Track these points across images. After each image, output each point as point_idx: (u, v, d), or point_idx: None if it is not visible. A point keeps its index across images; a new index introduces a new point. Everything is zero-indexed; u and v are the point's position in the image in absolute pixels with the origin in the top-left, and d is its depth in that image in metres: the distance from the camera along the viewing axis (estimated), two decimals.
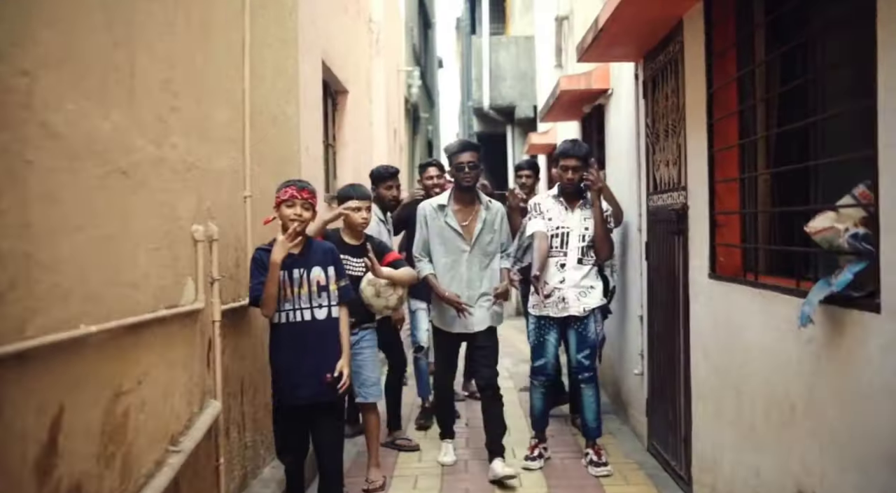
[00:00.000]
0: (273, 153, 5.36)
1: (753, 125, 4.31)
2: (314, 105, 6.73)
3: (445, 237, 4.84)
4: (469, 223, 4.89)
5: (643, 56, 5.92)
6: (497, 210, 4.99)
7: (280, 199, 4.21)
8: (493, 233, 4.94)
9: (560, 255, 5.25)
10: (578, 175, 5.27)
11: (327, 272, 4.27)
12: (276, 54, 5.47)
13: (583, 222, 5.29)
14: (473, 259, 4.87)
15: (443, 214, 4.84)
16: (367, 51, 10.27)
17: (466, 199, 4.92)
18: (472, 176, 4.86)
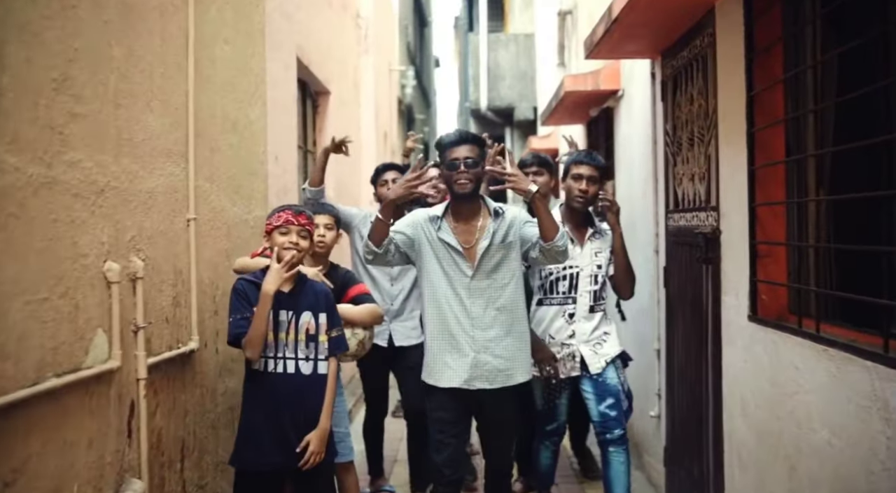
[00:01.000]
0: (230, 165, 4.57)
1: (803, 137, 3.52)
2: (286, 108, 5.95)
3: (441, 258, 3.50)
4: (472, 242, 3.52)
5: (661, 52, 5.14)
6: (512, 218, 3.56)
7: (272, 225, 3.45)
8: (507, 250, 3.51)
9: (568, 303, 4.15)
10: (595, 189, 4.15)
11: (318, 319, 3.47)
12: (236, 50, 4.69)
13: (594, 259, 4.18)
14: (480, 290, 3.47)
15: (435, 226, 3.53)
16: (354, 48, 9.51)
17: (465, 210, 3.54)
18: (470, 177, 3.46)
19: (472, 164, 3.50)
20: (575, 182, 4.10)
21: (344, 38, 8.81)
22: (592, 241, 4.15)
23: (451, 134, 3.57)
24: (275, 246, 3.39)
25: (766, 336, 3.46)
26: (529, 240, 3.53)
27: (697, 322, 4.38)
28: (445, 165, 3.54)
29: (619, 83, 6.48)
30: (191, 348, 3.82)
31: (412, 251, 3.54)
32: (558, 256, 3.50)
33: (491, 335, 3.50)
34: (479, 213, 3.59)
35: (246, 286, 3.42)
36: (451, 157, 3.51)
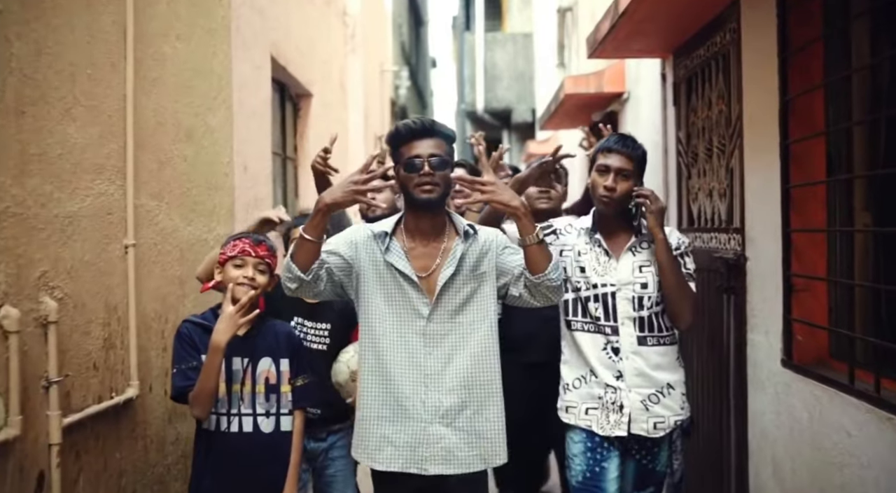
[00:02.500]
0: (185, 180, 4.01)
1: (850, 153, 2.97)
2: (257, 112, 5.39)
3: (388, 290, 2.52)
4: (431, 269, 2.54)
5: (673, 51, 4.59)
6: (488, 241, 2.61)
7: (226, 255, 2.85)
8: (479, 282, 2.55)
9: (607, 332, 2.89)
10: (626, 186, 2.90)
11: (279, 366, 2.89)
12: (192, 48, 4.13)
13: (636, 275, 2.91)
14: (439, 335, 2.51)
15: (381, 245, 2.55)
16: (340, 48, 8.94)
17: (425, 226, 2.57)
18: (436, 181, 2.49)
19: (438, 164, 2.48)
20: (600, 176, 2.91)
21: (328, 36, 8.25)
22: (636, 252, 2.93)
23: (410, 122, 2.55)
24: (227, 281, 2.83)
25: (806, 388, 2.91)
26: (510, 271, 2.55)
27: (716, 360, 3.83)
28: (403, 164, 2.51)
29: (624, 85, 5.94)
30: (128, 396, 3.26)
31: (349, 280, 2.55)
32: (551, 293, 2.51)
33: (452, 401, 2.49)
34: (442, 231, 2.57)
35: (192, 330, 2.84)
36: (411, 153, 2.49)
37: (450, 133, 2.59)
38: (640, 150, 2.94)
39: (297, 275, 2.44)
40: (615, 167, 2.88)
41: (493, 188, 2.45)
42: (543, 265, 2.46)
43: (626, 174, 2.88)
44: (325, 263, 2.49)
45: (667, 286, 2.85)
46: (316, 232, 2.41)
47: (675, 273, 2.86)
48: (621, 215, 2.94)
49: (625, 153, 2.89)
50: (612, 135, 3.02)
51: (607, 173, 2.89)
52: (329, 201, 2.39)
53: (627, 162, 2.88)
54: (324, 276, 2.50)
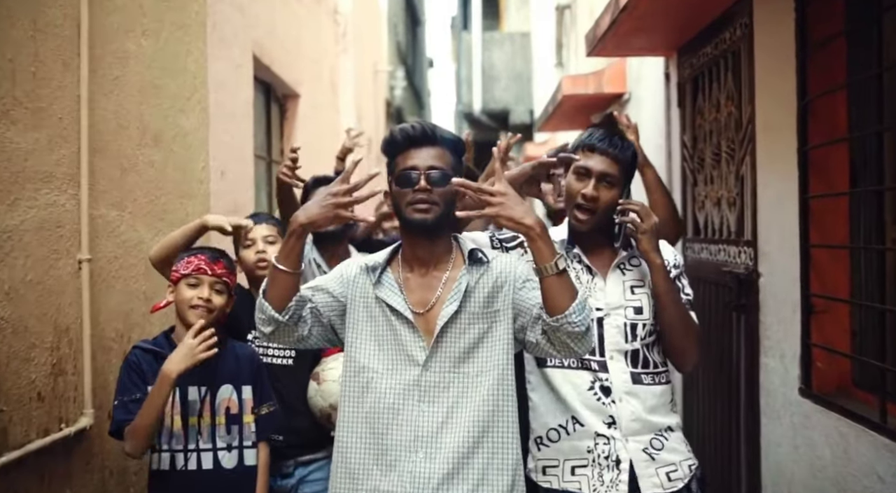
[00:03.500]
0: (152, 187, 3.73)
1: (877, 161, 2.68)
2: (238, 113, 5.11)
3: (379, 330, 2.08)
4: (429, 304, 2.07)
5: (677, 48, 4.31)
6: (504, 272, 2.09)
7: (179, 273, 2.54)
8: (490, 322, 2.06)
9: (593, 368, 2.29)
10: (611, 196, 2.29)
11: (241, 393, 2.58)
12: (161, 45, 3.85)
13: (628, 297, 2.33)
14: (438, 388, 2.04)
15: (372, 278, 2.11)
16: (331, 47, 8.65)
17: (423, 253, 2.11)
18: (434, 200, 2.04)
19: (438, 178, 2.01)
20: (577, 181, 2.29)
21: (318, 35, 7.95)
22: (626, 269, 2.33)
23: (407, 127, 2.09)
24: (180, 303, 2.53)
25: (828, 421, 2.62)
26: (528, 311, 2.02)
27: (725, 383, 3.54)
28: (396, 177, 2.07)
29: (625, 85, 5.66)
30: (81, 427, 2.97)
31: (341, 321, 2.11)
32: (573, 341, 1.93)
33: (450, 468, 2.00)
34: (445, 259, 2.10)
35: (141, 358, 2.53)
36: (406, 164, 2.05)
37: (455, 142, 2.10)
38: (629, 151, 2.30)
39: (271, 316, 1.99)
40: (597, 171, 2.24)
41: (503, 201, 1.92)
42: (564, 303, 1.89)
43: (610, 181, 2.25)
44: (307, 301, 2.06)
45: (668, 320, 2.26)
46: (290, 260, 1.97)
47: (677, 304, 2.27)
48: (603, 228, 2.33)
49: (610, 154, 2.25)
50: (596, 130, 2.34)
51: (587, 178, 2.25)
52: (304, 221, 1.97)
53: (613, 165, 2.25)
54: (308, 317, 2.05)
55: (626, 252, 2.34)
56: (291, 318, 2.00)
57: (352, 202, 1.98)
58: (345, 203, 1.98)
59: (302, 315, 2.03)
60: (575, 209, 2.27)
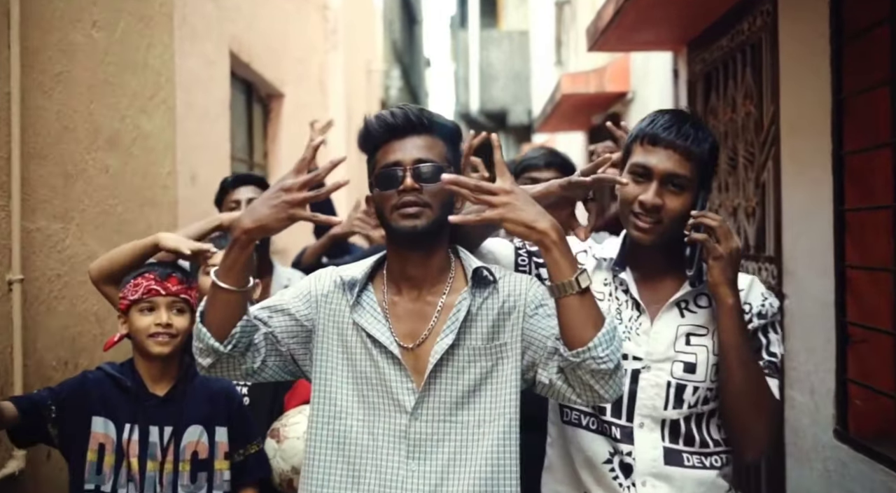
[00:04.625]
0: (105, 195, 3.36)
1: None
2: (212, 113, 4.76)
3: (357, 365, 1.67)
4: (421, 336, 1.66)
5: (687, 42, 3.96)
6: (515, 294, 1.67)
7: (128, 300, 2.16)
8: (496, 358, 1.65)
9: (614, 435, 1.75)
10: (680, 204, 1.68)
11: (214, 436, 2.19)
12: (118, 38, 3.50)
13: (679, 347, 1.73)
14: (432, 441, 1.64)
15: (349, 298, 1.69)
16: (319, 44, 8.30)
17: (414, 269, 1.69)
18: (426, 201, 1.62)
19: (429, 173, 1.62)
20: (635, 183, 1.72)
21: (305, 31, 7.60)
22: (686, 310, 1.75)
23: (386, 114, 1.67)
24: (136, 333, 2.15)
25: (872, 473, 2.24)
26: (541, 343, 1.62)
27: None
28: (376, 177, 1.67)
29: (628, 83, 5.33)
30: (10, 472, 2.60)
31: (305, 351, 1.70)
32: (597, 382, 1.52)
33: None
34: (442, 277, 1.70)
35: (99, 381, 2.15)
36: (388, 159, 1.65)
37: (449, 128, 1.69)
38: (706, 143, 1.69)
39: (209, 345, 1.58)
40: (661, 171, 1.67)
41: (509, 200, 1.49)
42: (587, 332, 1.50)
43: (679, 183, 1.67)
44: (261, 325, 1.65)
45: (730, 387, 1.66)
46: (233, 275, 1.55)
47: (746, 366, 1.64)
48: (669, 249, 1.73)
49: (679, 148, 1.67)
50: (661, 115, 1.74)
51: (646, 180, 1.68)
52: (250, 225, 1.54)
53: (683, 163, 1.66)
54: (261, 345, 1.64)
55: (695, 287, 1.72)
56: (236, 347, 1.59)
57: (310, 198, 1.55)
58: (301, 200, 1.54)
59: (253, 343, 1.62)
60: (632, 216, 1.70)
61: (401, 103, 1.74)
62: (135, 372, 2.15)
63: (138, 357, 2.16)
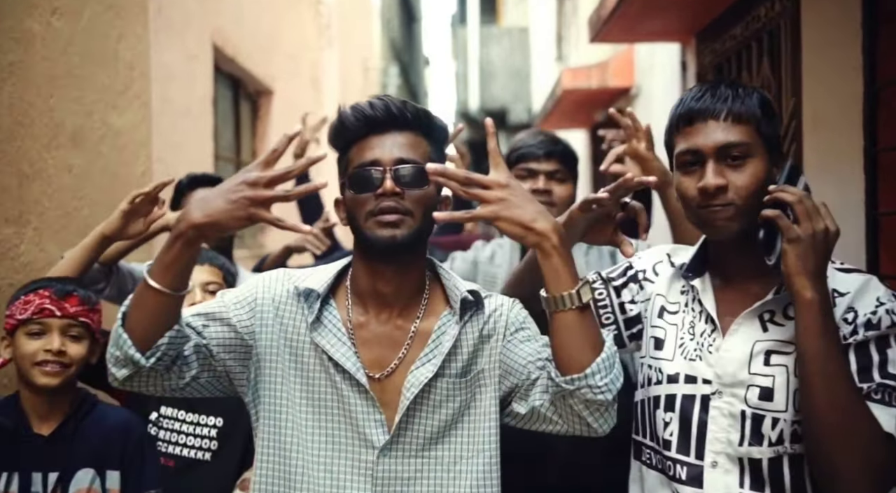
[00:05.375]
0: (69, 197, 3.12)
1: None
2: (193, 110, 4.53)
3: (315, 393, 1.43)
4: (392, 365, 1.45)
5: (697, 32, 3.70)
6: (495, 315, 1.49)
7: (15, 318, 1.89)
8: (474, 389, 1.46)
9: (677, 475, 1.46)
10: (749, 176, 1.39)
11: (105, 480, 1.92)
12: (83, 28, 3.27)
13: (755, 367, 1.42)
14: (400, 478, 1.42)
15: (307, 313, 1.45)
16: (312, 40, 8.06)
17: (387, 286, 1.46)
18: (407, 209, 1.41)
19: (412, 177, 1.41)
20: (686, 175, 1.44)
21: (296, 27, 7.36)
22: (770, 322, 1.43)
23: (364, 106, 1.44)
24: (21, 359, 1.87)
25: None
26: (521, 370, 1.44)
27: None
28: (350, 178, 1.44)
29: (632, 78, 5.10)
30: None
31: (243, 369, 1.46)
32: (593, 412, 1.35)
33: None
34: (417, 297, 1.49)
35: None
36: (364, 158, 1.43)
37: (435, 125, 1.48)
38: (753, 97, 1.42)
39: (129, 355, 1.33)
40: (711, 145, 1.39)
41: (504, 195, 1.30)
42: (585, 356, 1.32)
43: (739, 153, 1.39)
44: (193, 336, 1.40)
45: (810, 407, 1.32)
46: (170, 275, 1.31)
47: (832, 380, 1.30)
48: (755, 245, 1.38)
49: (724, 112, 1.40)
50: (688, 91, 1.48)
51: (700, 164, 1.41)
52: (200, 219, 1.29)
53: (737, 129, 1.39)
54: (192, 359, 1.40)
55: (777, 295, 1.40)
56: (161, 361, 1.35)
57: (277, 199, 1.31)
58: (265, 199, 1.30)
59: (181, 356, 1.38)
60: (700, 211, 1.41)
61: (383, 94, 1.49)
62: (18, 408, 1.86)
63: (23, 389, 1.87)
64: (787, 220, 1.30)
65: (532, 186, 2.22)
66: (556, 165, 2.26)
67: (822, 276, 1.31)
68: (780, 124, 1.57)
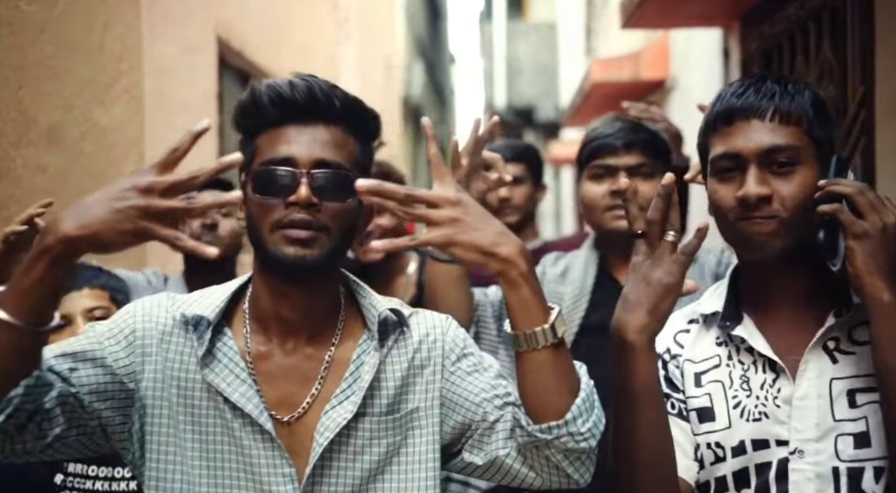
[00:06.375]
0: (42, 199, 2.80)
1: None
2: (194, 106, 4.34)
3: (210, 443, 1.19)
4: (301, 405, 1.22)
5: (741, 15, 3.34)
6: (429, 341, 1.26)
7: None
8: (405, 431, 1.23)
9: None
10: (798, 185, 1.19)
11: None
12: (60, 14, 3.05)
13: (841, 411, 1.20)
14: None
15: (196, 347, 1.20)
16: (329, 34, 7.79)
17: (294, 310, 1.21)
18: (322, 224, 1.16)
19: (334, 185, 1.17)
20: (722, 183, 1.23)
21: (311, 20, 7.10)
22: (840, 352, 1.23)
23: (280, 85, 1.18)
24: None
25: None
26: (479, 411, 1.22)
27: None
28: (254, 176, 1.19)
29: (667, 69, 4.75)
30: None
31: (122, 420, 1.20)
32: (573, 462, 1.14)
33: None
34: (331, 319, 1.26)
35: None
36: (274, 153, 1.18)
37: (366, 119, 1.24)
38: (805, 94, 1.22)
39: None
40: (755, 149, 1.19)
41: (457, 215, 1.07)
42: (561, 399, 1.12)
43: (787, 158, 1.19)
44: (56, 382, 1.12)
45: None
46: (28, 303, 1.02)
47: None
48: (801, 264, 1.23)
49: (771, 110, 1.20)
50: (727, 87, 1.28)
51: (741, 170, 1.21)
52: (74, 231, 1.00)
53: (783, 130, 1.20)
54: (57, 414, 1.11)
55: (844, 315, 1.21)
56: (13, 418, 1.04)
57: (177, 211, 1.02)
58: (161, 210, 1.01)
59: (42, 409, 1.09)
60: (738, 224, 1.21)
61: (306, 74, 1.21)
62: None
63: None
64: (849, 214, 1.14)
65: (611, 186, 1.84)
66: (640, 158, 1.88)
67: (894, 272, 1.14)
68: (835, 126, 1.31)
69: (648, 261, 1.16)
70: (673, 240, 1.17)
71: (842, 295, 1.21)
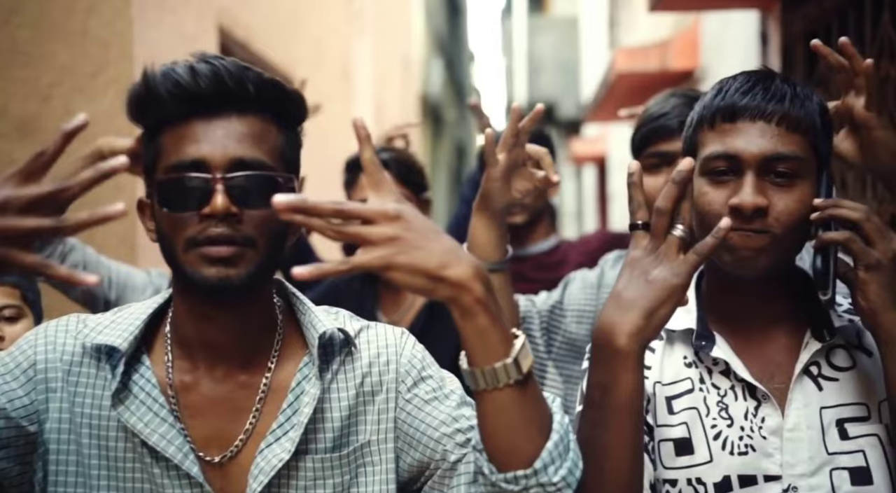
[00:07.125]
0: None
1: None
2: None
3: (125, 487, 1.03)
4: (237, 444, 1.06)
5: None
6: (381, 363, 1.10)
7: None
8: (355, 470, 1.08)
9: None
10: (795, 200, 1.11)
11: None
12: None
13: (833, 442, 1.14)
14: None
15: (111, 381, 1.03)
16: (341, 28, 7.58)
17: (222, 334, 1.06)
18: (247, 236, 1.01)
19: (255, 188, 1.01)
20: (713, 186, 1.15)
21: (322, 12, 6.88)
22: (821, 377, 1.17)
23: (187, 73, 0.98)
24: None
25: None
26: (439, 448, 1.07)
27: None
28: (160, 183, 1.02)
29: (697, 59, 4.50)
30: None
31: (21, 468, 1.03)
32: None
33: None
34: (266, 340, 1.10)
35: None
36: (185, 154, 1.01)
37: (286, 98, 1.05)
38: (813, 101, 1.13)
39: None
40: (756, 154, 1.10)
41: (397, 232, 0.88)
42: (530, 444, 0.96)
43: (788, 169, 1.11)
44: None
45: None
46: None
47: None
48: (777, 282, 1.17)
49: (779, 114, 1.11)
50: (731, 79, 1.17)
51: (736, 174, 1.12)
52: None
53: (788, 137, 1.11)
54: None
55: (829, 339, 1.15)
56: None
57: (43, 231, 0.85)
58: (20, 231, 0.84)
59: None
60: (726, 241, 1.09)
61: (210, 55, 1.00)
62: None
63: None
64: (861, 243, 1.09)
65: (667, 178, 1.54)
66: None
67: None
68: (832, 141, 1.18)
69: (651, 257, 1.02)
70: (682, 235, 1.03)
71: (816, 318, 1.16)
